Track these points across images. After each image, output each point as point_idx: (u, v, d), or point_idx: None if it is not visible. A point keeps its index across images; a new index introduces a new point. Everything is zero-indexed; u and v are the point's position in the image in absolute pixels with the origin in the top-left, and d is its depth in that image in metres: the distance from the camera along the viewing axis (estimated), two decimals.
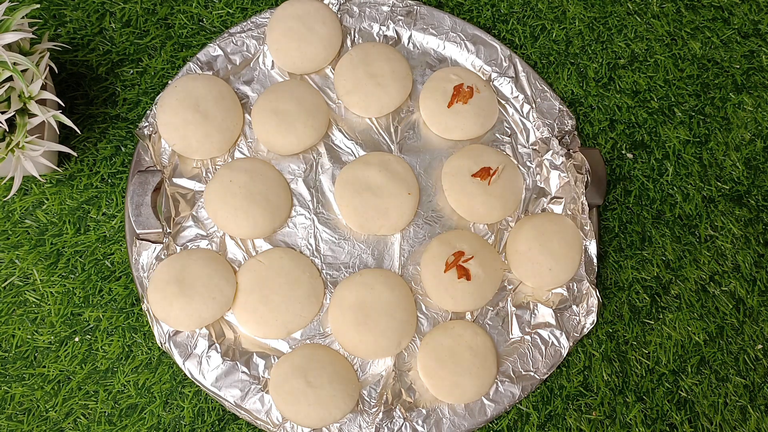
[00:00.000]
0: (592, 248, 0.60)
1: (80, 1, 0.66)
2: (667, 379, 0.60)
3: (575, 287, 0.60)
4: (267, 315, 0.57)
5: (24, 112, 0.54)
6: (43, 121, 0.54)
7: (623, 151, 0.65)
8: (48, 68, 0.55)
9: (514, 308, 0.60)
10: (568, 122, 0.63)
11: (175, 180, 0.61)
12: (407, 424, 0.56)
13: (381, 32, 0.66)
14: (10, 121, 0.54)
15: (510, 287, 0.61)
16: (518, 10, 0.68)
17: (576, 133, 0.64)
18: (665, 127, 0.66)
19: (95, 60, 0.65)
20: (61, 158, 0.62)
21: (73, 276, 0.60)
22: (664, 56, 0.68)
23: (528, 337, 0.59)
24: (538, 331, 0.59)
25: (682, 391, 0.60)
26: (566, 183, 0.62)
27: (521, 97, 0.64)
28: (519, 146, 0.64)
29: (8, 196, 0.58)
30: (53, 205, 0.61)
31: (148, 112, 0.62)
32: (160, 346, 0.57)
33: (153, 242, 0.59)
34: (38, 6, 0.58)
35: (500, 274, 0.60)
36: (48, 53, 0.55)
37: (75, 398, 0.58)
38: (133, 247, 0.59)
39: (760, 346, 0.61)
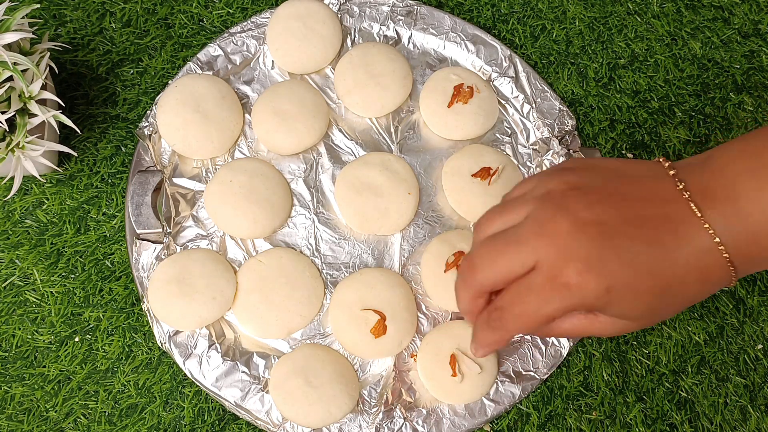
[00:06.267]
0: None
1: (80, 1, 0.66)
2: (667, 379, 0.60)
3: None
4: (267, 315, 0.57)
5: (24, 112, 0.54)
6: (43, 121, 0.54)
7: (623, 151, 0.65)
8: (48, 68, 0.55)
9: None
10: (568, 122, 0.63)
11: (175, 180, 0.61)
12: (407, 424, 0.56)
13: (381, 32, 0.66)
14: (10, 121, 0.53)
15: None
16: (518, 10, 0.68)
17: (576, 133, 0.64)
18: (665, 127, 0.66)
19: (95, 60, 0.65)
20: (62, 158, 0.62)
21: (73, 276, 0.60)
22: (664, 56, 0.68)
23: (528, 337, 0.59)
24: None
25: (682, 391, 0.60)
26: None
27: (521, 97, 0.64)
28: (519, 146, 0.64)
29: (8, 196, 0.58)
30: (53, 205, 0.61)
31: (148, 112, 0.62)
32: (160, 346, 0.57)
33: (153, 242, 0.59)
34: (38, 6, 0.58)
35: None
36: (48, 53, 0.55)
37: (75, 398, 0.58)
38: (133, 247, 0.59)
39: (760, 346, 0.61)
